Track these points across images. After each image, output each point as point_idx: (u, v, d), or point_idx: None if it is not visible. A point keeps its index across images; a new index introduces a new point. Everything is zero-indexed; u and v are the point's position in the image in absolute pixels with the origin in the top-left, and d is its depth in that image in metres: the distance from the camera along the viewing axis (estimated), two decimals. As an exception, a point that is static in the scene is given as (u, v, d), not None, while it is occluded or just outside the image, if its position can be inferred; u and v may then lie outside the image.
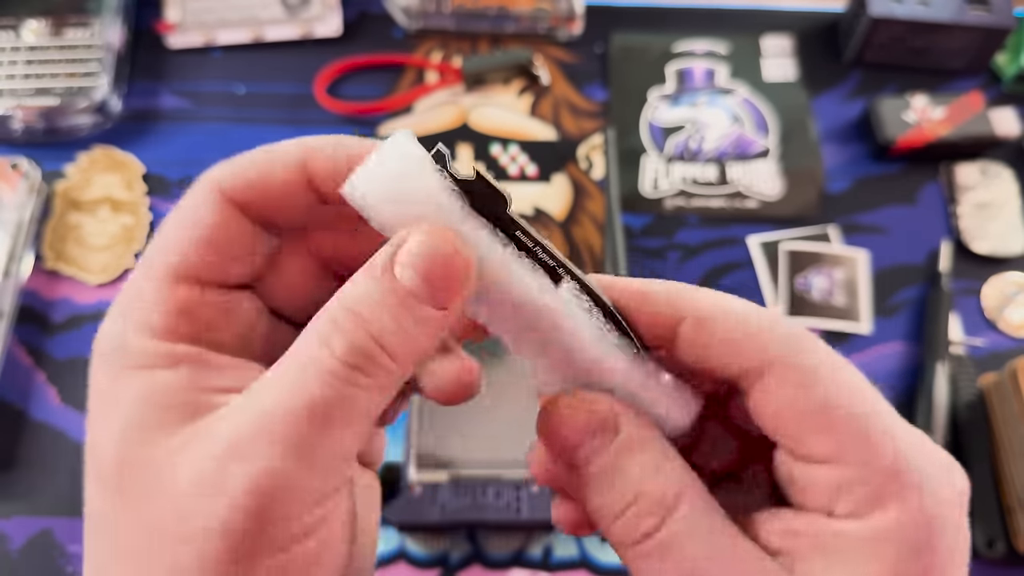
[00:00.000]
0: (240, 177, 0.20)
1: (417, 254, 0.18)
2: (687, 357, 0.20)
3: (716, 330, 0.19)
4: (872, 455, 0.18)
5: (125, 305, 0.20)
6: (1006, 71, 0.64)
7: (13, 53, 0.60)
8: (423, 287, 0.18)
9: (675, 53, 0.66)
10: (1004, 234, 0.58)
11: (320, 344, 0.18)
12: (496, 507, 0.45)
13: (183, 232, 0.20)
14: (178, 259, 0.20)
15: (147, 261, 0.20)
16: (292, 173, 0.20)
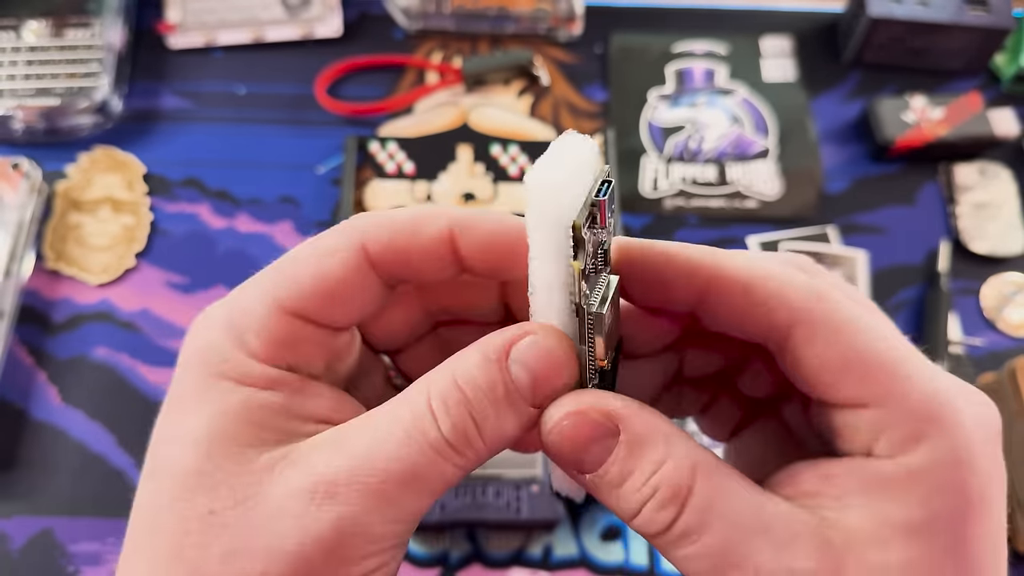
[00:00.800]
0: (386, 238, 0.21)
1: (533, 355, 0.19)
2: (719, 318, 0.20)
3: (745, 289, 0.20)
4: (908, 396, 0.18)
5: (231, 319, 0.21)
6: (1005, 71, 0.64)
7: (14, 53, 0.60)
8: (528, 388, 0.19)
9: (675, 54, 0.66)
10: (1003, 234, 0.58)
11: (429, 419, 0.19)
12: (496, 506, 0.45)
13: (310, 271, 0.21)
14: (296, 295, 0.21)
15: (265, 282, 0.21)
16: (439, 245, 0.21)
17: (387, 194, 0.59)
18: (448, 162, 0.60)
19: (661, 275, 0.20)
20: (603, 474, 0.19)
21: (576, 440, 0.19)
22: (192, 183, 0.59)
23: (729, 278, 0.20)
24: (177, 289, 0.55)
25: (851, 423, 0.19)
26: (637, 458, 0.19)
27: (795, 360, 0.20)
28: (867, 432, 0.19)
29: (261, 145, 0.61)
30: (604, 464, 0.19)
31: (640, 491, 0.19)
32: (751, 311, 0.20)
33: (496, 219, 0.21)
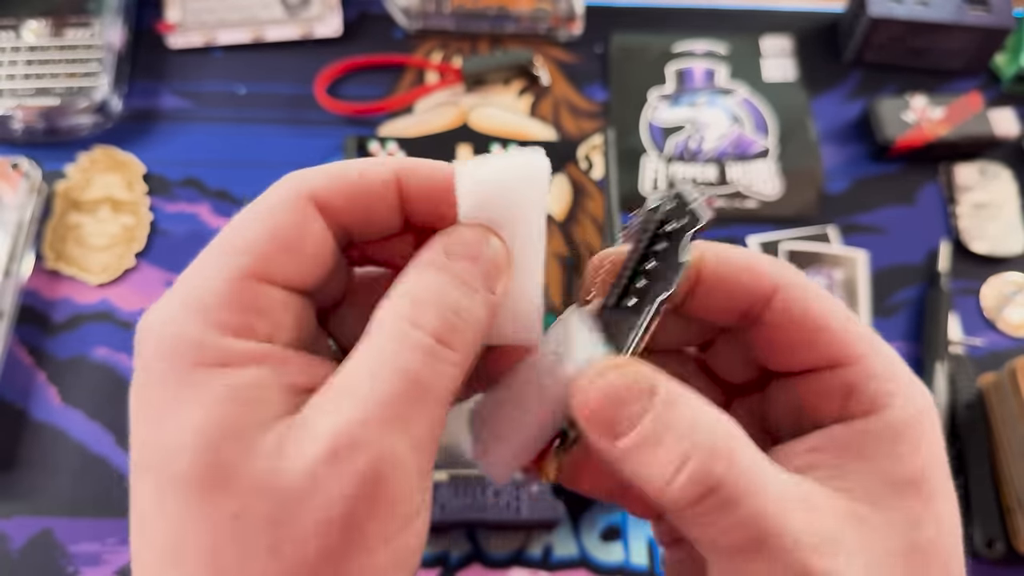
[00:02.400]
0: (334, 182, 0.20)
1: (468, 244, 0.20)
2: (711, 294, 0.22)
3: (734, 261, 0.21)
4: (876, 356, 0.20)
5: (192, 300, 0.19)
6: (1005, 71, 0.64)
7: (14, 53, 0.60)
8: (478, 274, 0.20)
9: (675, 53, 0.66)
10: (1003, 234, 0.58)
11: (411, 324, 0.19)
12: (496, 507, 0.45)
13: (263, 229, 0.20)
14: (255, 257, 0.19)
15: (217, 256, 0.20)
16: (385, 189, 0.21)
17: (387, 194, 0.59)
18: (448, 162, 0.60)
19: None
20: (639, 433, 0.18)
21: (614, 397, 0.19)
22: (192, 183, 0.59)
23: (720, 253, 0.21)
24: (177, 289, 0.55)
25: (820, 389, 0.20)
26: (673, 416, 0.18)
27: (771, 327, 0.21)
28: (838, 394, 0.20)
29: (261, 145, 0.60)
30: (640, 424, 0.18)
31: (675, 453, 0.18)
32: (738, 276, 0.21)
33: (435, 164, 0.22)
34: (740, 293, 0.21)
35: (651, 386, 0.19)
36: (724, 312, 0.22)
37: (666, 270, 0.21)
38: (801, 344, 0.21)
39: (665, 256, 0.21)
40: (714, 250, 0.21)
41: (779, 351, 0.21)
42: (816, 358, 0.20)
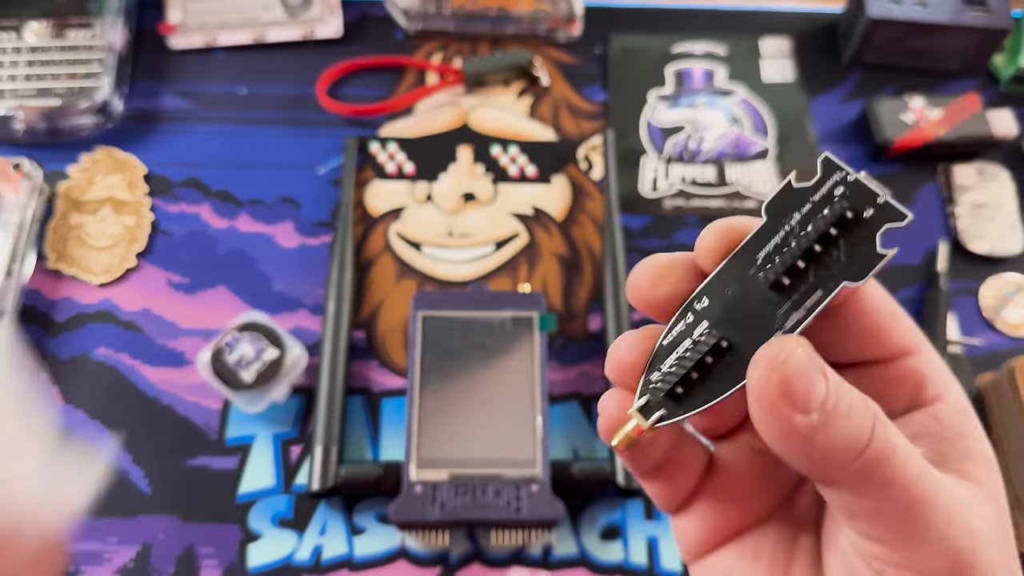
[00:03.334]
0: None
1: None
2: None
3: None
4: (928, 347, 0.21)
5: None
6: (1004, 72, 0.64)
7: (15, 54, 0.60)
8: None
9: (674, 54, 0.66)
10: (1002, 234, 0.58)
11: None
12: (496, 506, 0.45)
13: None
14: None
15: None
16: None
17: (387, 194, 0.59)
18: (448, 162, 0.61)
19: None
20: (830, 403, 0.18)
21: (805, 373, 0.18)
22: (193, 183, 0.59)
23: None
24: (178, 289, 0.55)
25: (894, 377, 0.21)
26: (848, 390, 0.18)
27: (845, 317, 0.20)
28: (913, 381, 0.20)
29: (262, 146, 0.61)
30: (826, 399, 0.18)
31: (865, 417, 0.18)
32: None
33: None
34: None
35: (822, 366, 0.18)
36: None
37: (852, 259, 0.19)
38: (880, 332, 0.20)
39: (845, 244, 0.19)
40: None
41: (854, 342, 0.21)
42: (893, 346, 0.20)
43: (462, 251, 0.57)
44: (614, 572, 0.48)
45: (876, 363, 0.21)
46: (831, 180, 0.20)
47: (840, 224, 0.19)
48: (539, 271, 0.57)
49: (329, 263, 0.55)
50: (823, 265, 0.19)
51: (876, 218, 0.19)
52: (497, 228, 0.58)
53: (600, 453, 0.50)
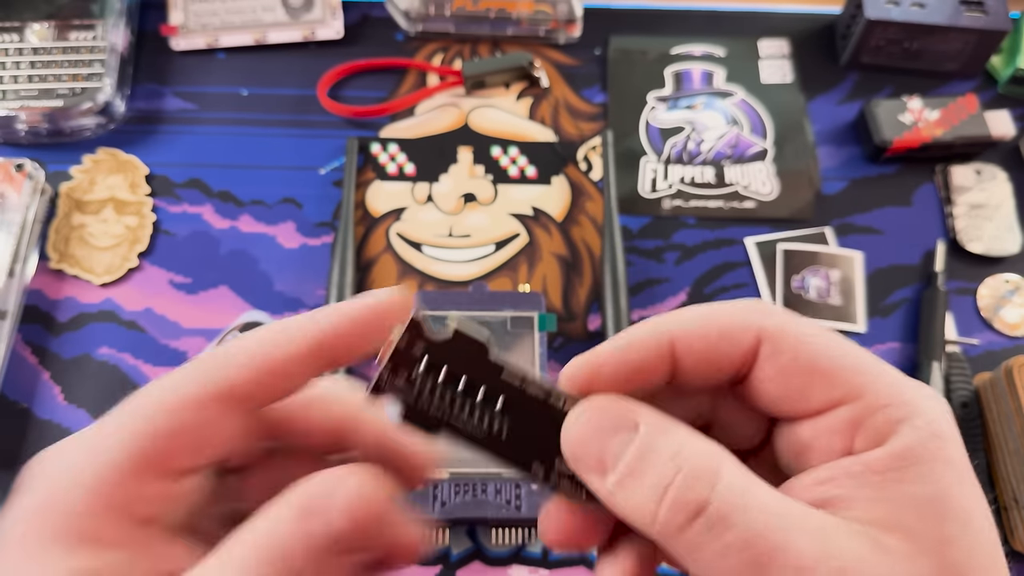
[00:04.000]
0: (250, 374, 0.20)
1: (344, 507, 0.18)
2: (693, 372, 0.21)
3: (705, 334, 0.20)
4: (878, 389, 0.19)
5: (72, 474, 0.19)
6: (1001, 73, 0.64)
7: (18, 55, 0.60)
8: (351, 534, 0.18)
9: (673, 56, 0.66)
10: (999, 235, 0.58)
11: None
12: (496, 504, 0.46)
13: (164, 426, 0.19)
14: (145, 450, 0.19)
15: (110, 436, 0.19)
16: (306, 358, 0.20)
17: (388, 195, 0.60)
18: (449, 163, 0.61)
19: (626, 364, 0.21)
20: (625, 464, 0.19)
21: (600, 429, 0.19)
22: (195, 184, 0.59)
23: (689, 329, 0.20)
24: (180, 289, 0.55)
25: (825, 429, 0.19)
26: (656, 445, 0.19)
27: (764, 378, 0.20)
28: (843, 432, 0.19)
29: (263, 147, 0.61)
30: (624, 456, 0.19)
31: (658, 479, 0.18)
32: (718, 344, 0.20)
33: (357, 304, 0.21)
34: (722, 362, 0.20)
35: (634, 421, 0.19)
36: (714, 380, 0.21)
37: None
38: (797, 391, 0.20)
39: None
40: (683, 325, 0.21)
41: (776, 402, 0.20)
42: (816, 403, 0.20)
43: (462, 251, 0.57)
44: (613, 570, 0.48)
45: (808, 417, 0.20)
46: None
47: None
48: (539, 271, 0.57)
49: (330, 263, 0.56)
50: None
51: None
52: (497, 228, 0.58)
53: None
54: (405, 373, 0.21)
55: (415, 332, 0.21)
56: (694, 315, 0.21)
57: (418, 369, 0.21)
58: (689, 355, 0.21)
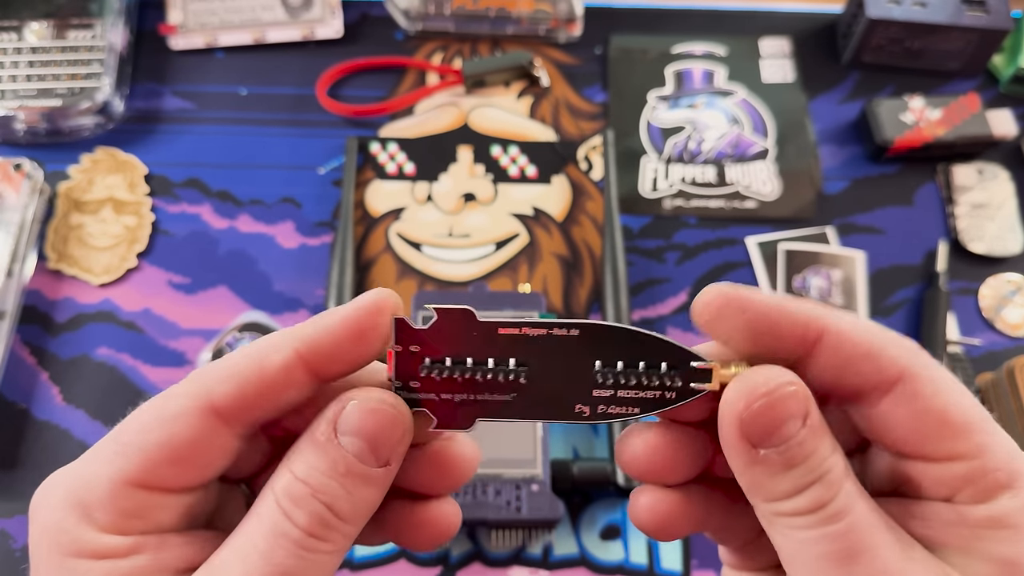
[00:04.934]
0: (234, 390, 0.20)
1: (357, 420, 0.20)
2: (824, 371, 0.21)
3: (859, 343, 0.20)
4: (995, 452, 0.20)
5: (77, 497, 0.20)
6: (1003, 72, 0.64)
7: (16, 54, 0.60)
8: (366, 450, 0.20)
9: (674, 55, 0.66)
10: (1001, 234, 0.58)
11: (285, 519, 0.19)
12: (496, 505, 0.45)
13: (155, 439, 0.20)
14: (140, 467, 0.20)
15: (108, 454, 0.20)
16: (290, 371, 0.20)
17: (388, 194, 0.59)
18: (449, 163, 0.61)
19: (775, 326, 0.20)
20: (781, 451, 0.19)
21: (777, 414, 0.19)
22: (194, 184, 0.59)
23: (843, 331, 0.20)
24: (179, 289, 0.55)
25: (936, 475, 0.20)
26: (816, 445, 0.19)
27: (889, 414, 0.20)
28: (952, 483, 0.20)
29: (262, 146, 0.61)
30: (791, 442, 0.19)
31: (809, 475, 0.19)
32: (858, 363, 0.20)
33: (330, 316, 0.21)
34: (858, 379, 0.20)
35: (807, 411, 0.19)
36: (836, 389, 0.21)
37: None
38: (923, 437, 0.20)
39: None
40: (837, 325, 0.20)
41: (898, 440, 0.21)
42: (938, 452, 0.20)
43: (462, 251, 0.57)
44: (614, 572, 0.48)
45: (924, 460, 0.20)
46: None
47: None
48: (539, 271, 0.57)
49: (329, 263, 0.55)
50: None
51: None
52: (497, 228, 0.58)
53: (600, 453, 0.50)
54: (415, 375, 0.21)
55: (403, 331, 0.21)
56: (853, 320, 0.21)
57: (423, 364, 0.21)
58: (833, 356, 0.20)
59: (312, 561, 0.19)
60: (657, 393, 0.21)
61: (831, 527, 0.19)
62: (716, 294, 0.20)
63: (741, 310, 0.20)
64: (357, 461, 0.20)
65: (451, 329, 0.21)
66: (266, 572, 0.19)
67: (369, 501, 0.20)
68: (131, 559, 0.19)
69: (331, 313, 0.21)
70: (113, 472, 0.20)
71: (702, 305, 0.20)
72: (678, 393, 0.21)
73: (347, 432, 0.20)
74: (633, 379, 0.21)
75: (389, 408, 0.20)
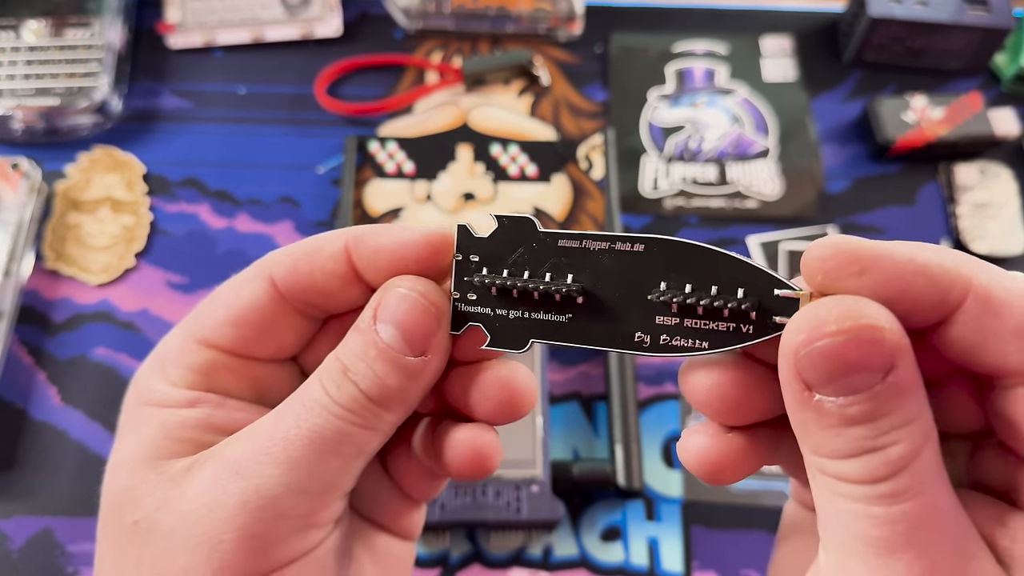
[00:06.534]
0: (291, 264, 0.22)
1: (393, 310, 0.20)
2: (959, 340, 0.17)
3: (1009, 314, 0.16)
4: None
5: (157, 358, 0.23)
6: (1005, 71, 0.64)
7: (13, 53, 0.60)
8: (399, 339, 0.20)
9: (675, 53, 0.66)
10: (1003, 234, 0.58)
11: (321, 389, 0.20)
12: (496, 506, 0.45)
13: (221, 303, 0.22)
14: (206, 327, 0.22)
15: (188, 319, 0.23)
16: (336, 264, 0.22)
17: (387, 194, 0.59)
18: (448, 162, 0.60)
19: (907, 289, 0.17)
20: (843, 404, 0.16)
21: (845, 360, 0.16)
22: (192, 183, 0.59)
23: (995, 295, 0.17)
24: (177, 289, 0.55)
25: None
26: (895, 408, 0.16)
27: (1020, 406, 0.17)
28: None
29: (261, 145, 0.61)
30: (856, 396, 0.16)
31: (873, 441, 0.16)
32: (1005, 338, 0.16)
33: (387, 229, 0.22)
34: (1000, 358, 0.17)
35: (891, 363, 0.16)
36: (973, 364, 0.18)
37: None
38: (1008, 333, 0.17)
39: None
40: (988, 287, 0.17)
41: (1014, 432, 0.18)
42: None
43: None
44: (614, 573, 0.47)
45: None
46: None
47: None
48: (539, 271, 0.56)
49: (328, 263, 0.55)
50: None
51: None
52: (497, 228, 0.58)
53: (600, 453, 0.50)
54: (473, 288, 0.21)
55: (465, 239, 0.21)
56: (1013, 281, 0.17)
57: (481, 274, 0.21)
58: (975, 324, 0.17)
59: (341, 429, 0.20)
60: (731, 325, 0.18)
61: (882, 508, 0.16)
62: (832, 249, 0.17)
63: (861, 272, 0.16)
64: (390, 347, 0.20)
65: (510, 239, 0.20)
66: (293, 429, 0.20)
67: (404, 389, 0.21)
68: (187, 410, 0.21)
69: (392, 229, 0.22)
70: (186, 333, 0.22)
71: (815, 262, 0.17)
72: (756, 327, 0.18)
73: (384, 319, 0.20)
74: (703, 306, 0.18)
75: (420, 298, 0.20)
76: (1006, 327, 0.16)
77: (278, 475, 0.19)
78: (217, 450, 0.20)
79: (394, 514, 0.25)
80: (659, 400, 0.52)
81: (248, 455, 0.20)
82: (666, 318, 0.19)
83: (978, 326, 0.17)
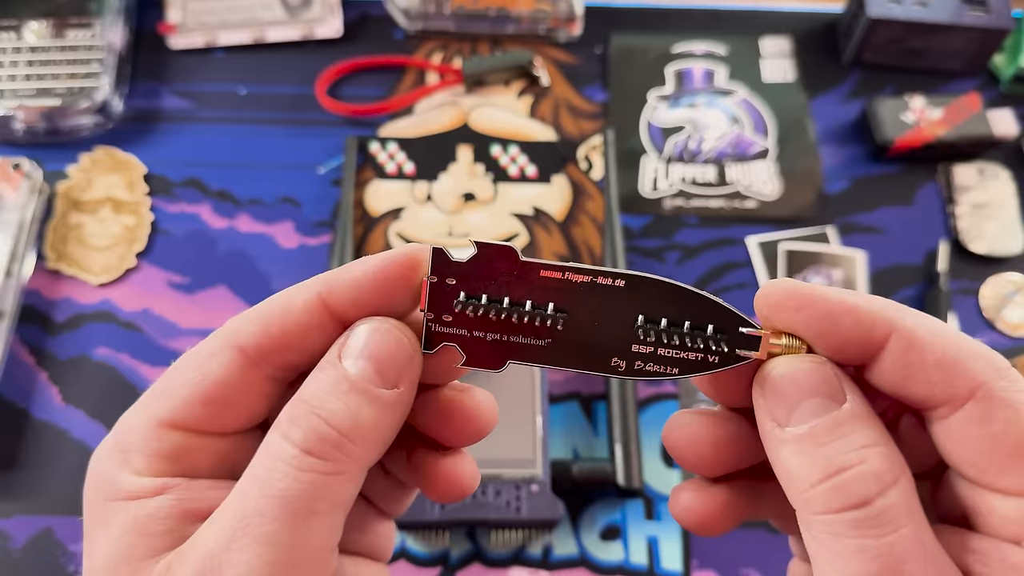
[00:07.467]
0: (259, 329, 0.21)
1: (363, 344, 0.20)
2: (888, 375, 0.19)
3: (929, 351, 0.18)
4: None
5: (118, 443, 0.21)
6: (1004, 72, 0.64)
7: (15, 54, 0.60)
8: (371, 371, 0.20)
9: (674, 54, 0.66)
10: (1002, 234, 0.58)
11: (280, 441, 0.19)
12: (496, 506, 0.45)
13: (185, 381, 0.21)
14: (171, 408, 0.20)
15: (147, 399, 0.21)
16: (312, 316, 0.21)
17: (387, 194, 0.59)
18: (448, 162, 0.60)
19: (837, 325, 0.19)
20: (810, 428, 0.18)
21: (803, 387, 0.19)
22: (193, 183, 0.59)
23: (914, 335, 0.19)
24: (178, 289, 0.55)
25: (1005, 511, 0.18)
26: (854, 429, 0.18)
27: (958, 434, 0.19)
28: (1018, 520, 0.18)
29: (262, 145, 0.61)
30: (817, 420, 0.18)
31: (841, 460, 0.18)
32: (927, 371, 0.18)
33: (355, 264, 0.21)
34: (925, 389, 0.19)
35: (843, 393, 0.19)
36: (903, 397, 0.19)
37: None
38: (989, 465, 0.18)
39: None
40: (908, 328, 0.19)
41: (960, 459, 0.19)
42: (1004, 484, 0.18)
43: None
44: (614, 572, 0.48)
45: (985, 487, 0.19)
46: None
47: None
48: (539, 271, 0.56)
49: (329, 263, 0.55)
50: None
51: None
52: (497, 228, 0.58)
53: (600, 453, 0.50)
54: (448, 309, 0.21)
55: (441, 261, 0.21)
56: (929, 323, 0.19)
57: (459, 299, 0.20)
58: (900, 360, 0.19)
59: (311, 483, 0.18)
60: (700, 355, 0.20)
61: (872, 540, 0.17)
62: (776, 289, 0.19)
63: (798, 308, 0.19)
64: (361, 379, 0.19)
65: (490, 266, 0.20)
66: (262, 504, 0.18)
67: (378, 423, 0.20)
68: (156, 500, 0.20)
69: (362, 261, 0.21)
70: (149, 415, 0.21)
71: (761, 299, 0.20)
72: (722, 358, 0.20)
73: (351, 355, 0.20)
74: (676, 338, 0.20)
75: (392, 329, 0.20)
76: (928, 361, 0.18)
77: (257, 557, 0.18)
78: (192, 543, 0.19)
79: (371, 532, 0.25)
80: (658, 400, 0.52)
81: (223, 543, 0.18)
82: (642, 347, 0.20)
83: (904, 362, 0.19)
